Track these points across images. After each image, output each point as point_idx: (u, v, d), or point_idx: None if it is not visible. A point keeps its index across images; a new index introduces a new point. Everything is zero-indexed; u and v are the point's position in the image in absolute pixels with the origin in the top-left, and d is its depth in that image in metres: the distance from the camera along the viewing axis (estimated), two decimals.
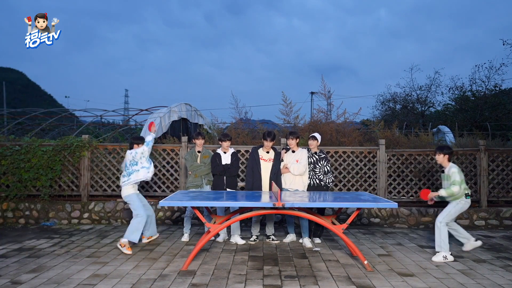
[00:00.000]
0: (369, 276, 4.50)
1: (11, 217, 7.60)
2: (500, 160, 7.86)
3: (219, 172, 6.16)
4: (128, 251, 5.40)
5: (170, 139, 9.64)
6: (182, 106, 12.68)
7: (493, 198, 7.84)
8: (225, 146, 6.23)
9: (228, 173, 6.18)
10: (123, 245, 5.44)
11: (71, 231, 6.91)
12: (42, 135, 17.24)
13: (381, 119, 18.04)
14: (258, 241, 6.17)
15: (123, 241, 5.47)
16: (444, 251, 5.19)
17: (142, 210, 5.65)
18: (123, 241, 5.47)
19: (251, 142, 8.72)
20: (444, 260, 5.14)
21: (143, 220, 5.63)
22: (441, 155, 5.41)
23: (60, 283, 4.19)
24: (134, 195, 5.72)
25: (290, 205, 4.76)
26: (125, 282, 4.23)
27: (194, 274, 4.52)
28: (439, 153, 5.43)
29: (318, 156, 6.21)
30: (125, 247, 5.42)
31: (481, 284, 4.28)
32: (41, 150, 7.58)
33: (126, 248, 5.42)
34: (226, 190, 6.16)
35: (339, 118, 10.00)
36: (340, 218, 7.45)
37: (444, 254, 5.18)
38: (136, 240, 5.53)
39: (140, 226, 5.58)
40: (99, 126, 21.20)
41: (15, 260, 5.07)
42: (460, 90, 20.78)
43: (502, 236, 6.80)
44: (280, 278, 4.38)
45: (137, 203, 5.68)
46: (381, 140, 7.98)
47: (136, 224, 5.57)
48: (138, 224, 5.57)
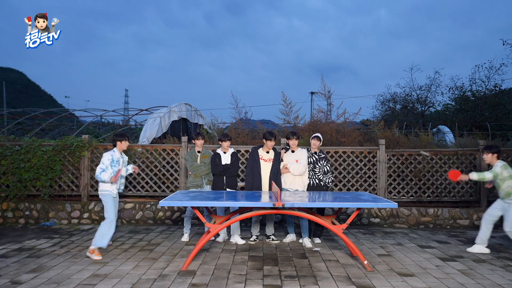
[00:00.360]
0: (369, 276, 4.51)
1: (11, 217, 7.60)
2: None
3: (219, 172, 6.16)
4: (98, 256, 5.17)
5: (170, 139, 9.65)
6: (182, 106, 12.68)
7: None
8: (225, 146, 6.23)
9: (228, 173, 6.17)
10: (92, 251, 5.20)
11: (71, 231, 6.91)
12: (42, 135, 17.25)
13: (381, 119, 18.03)
14: (258, 241, 6.17)
15: (92, 248, 5.23)
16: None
17: (113, 214, 5.39)
18: (92, 248, 5.23)
19: (251, 142, 8.72)
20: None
21: (113, 224, 5.38)
22: (489, 154, 5.53)
23: (60, 283, 4.19)
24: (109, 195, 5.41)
25: (290, 205, 4.76)
26: (125, 282, 4.23)
27: (194, 274, 4.52)
28: (487, 152, 5.56)
29: (318, 156, 6.21)
30: (94, 254, 5.19)
31: (481, 284, 4.28)
32: (41, 150, 7.58)
33: (95, 255, 5.19)
34: (226, 190, 6.17)
35: (339, 118, 10.02)
36: (340, 218, 7.46)
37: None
38: (104, 245, 5.29)
39: (110, 231, 5.33)
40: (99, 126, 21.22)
41: (15, 260, 5.07)
42: (460, 90, 20.78)
43: (502, 236, 6.79)
44: (280, 278, 4.38)
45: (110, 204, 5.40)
46: (381, 140, 7.98)
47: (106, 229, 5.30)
48: (108, 230, 5.31)
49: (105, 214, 5.41)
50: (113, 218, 5.39)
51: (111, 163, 5.33)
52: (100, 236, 5.27)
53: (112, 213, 5.39)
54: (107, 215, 5.37)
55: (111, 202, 5.40)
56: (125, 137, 5.57)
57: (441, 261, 5.16)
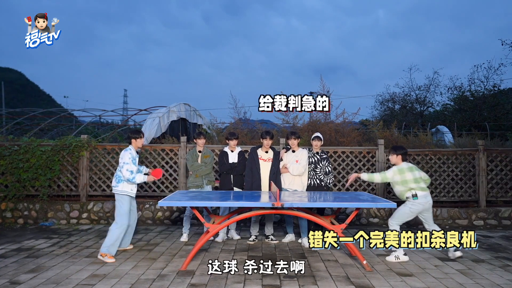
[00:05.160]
0: (368, 276, 4.51)
1: (10, 217, 7.59)
2: (499, 160, 7.87)
3: (226, 170, 6.19)
4: (111, 259, 5.02)
5: (169, 139, 9.64)
6: (181, 106, 12.67)
7: (492, 198, 7.85)
8: (232, 145, 6.26)
9: (235, 171, 6.20)
10: (104, 255, 5.04)
11: (70, 231, 6.90)
12: (40, 135, 17.22)
13: (380, 119, 18.07)
14: (257, 241, 6.17)
15: (104, 252, 5.06)
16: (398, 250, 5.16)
17: (127, 219, 5.26)
18: (104, 252, 5.06)
19: (250, 142, 8.72)
20: (395, 259, 5.13)
21: (124, 230, 5.25)
22: (394, 155, 5.29)
23: (59, 283, 4.18)
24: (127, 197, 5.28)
25: (289, 205, 4.76)
26: (124, 282, 4.23)
27: (193, 274, 4.52)
28: (393, 153, 5.32)
29: (320, 156, 6.20)
30: (107, 256, 5.03)
31: (480, 284, 4.29)
32: (40, 150, 7.56)
33: (108, 257, 5.03)
34: (233, 189, 6.22)
35: (338, 118, 10.03)
36: (339, 218, 7.46)
37: (396, 254, 5.18)
38: (113, 252, 5.13)
39: (121, 236, 5.21)
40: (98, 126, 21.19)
41: (14, 260, 5.06)
42: (459, 90, 20.82)
43: (501, 236, 6.81)
44: (279, 278, 4.38)
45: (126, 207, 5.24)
46: (380, 140, 7.99)
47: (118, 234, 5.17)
48: (120, 234, 5.18)
49: (118, 217, 5.20)
50: (126, 223, 5.22)
51: (132, 161, 5.20)
52: (110, 241, 5.09)
53: (126, 218, 5.21)
54: (120, 220, 5.18)
55: (127, 205, 5.24)
56: (140, 134, 5.42)
57: (440, 261, 5.17)
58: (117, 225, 5.19)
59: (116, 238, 5.15)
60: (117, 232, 5.16)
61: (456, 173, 7.79)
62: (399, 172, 5.17)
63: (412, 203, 5.16)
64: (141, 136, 5.42)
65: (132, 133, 5.44)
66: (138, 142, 5.39)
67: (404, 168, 5.20)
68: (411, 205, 5.17)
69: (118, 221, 5.22)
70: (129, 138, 5.41)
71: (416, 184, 5.14)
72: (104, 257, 5.04)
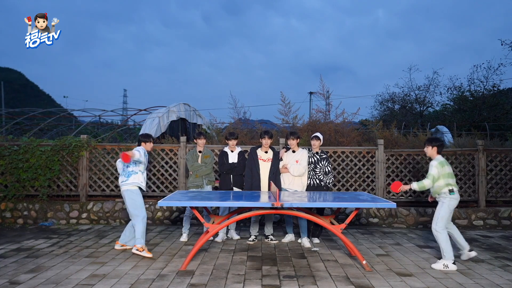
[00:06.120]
0: (368, 276, 4.51)
1: (10, 217, 7.59)
2: (499, 160, 7.88)
3: (226, 170, 6.19)
4: (149, 254, 5.22)
5: (168, 139, 9.64)
6: (181, 106, 12.67)
7: (492, 198, 7.86)
8: (231, 145, 6.26)
9: (235, 171, 6.20)
10: (141, 249, 5.25)
11: (70, 231, 6.90)
12: (40, 135, 17.21)
13: (379, 119, 18.05)
14: (256, 241, 6.17)
15: (139, 246, 5.27)
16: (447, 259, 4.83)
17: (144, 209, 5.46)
18: (139, 246, 5.27)
19: (250, 142, 8.73)
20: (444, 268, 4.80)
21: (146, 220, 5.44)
22: (430, 147, 5.09)
23: (59, 283, 4.18)
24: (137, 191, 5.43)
25: (288, 205, 4.76)
26: (124, 282, 4.23)
27: (193, 274, 4.52)
28: (428, 145, 5.11)
29: (320, 156, 6.21)
30: (145, 251, 5.24)
31: (480, 284, 4.29)
32: (40, 150, 7.56)
33: (146, 252, 5.24)
34: (233, 189, 6.23)
35: (337, 118, 10.04)
36: (339, 218, 7.46)
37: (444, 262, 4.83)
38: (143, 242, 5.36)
39: (145, 226, 5.41)
40: (98, 126, 21.17)
41: (14, 260, 5.06)
42: (459, 90, 20.80)
43: (501, 236, 6.81)
44: (279, 278, 4.38)
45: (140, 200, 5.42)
46: (379, 140, 7.99)
47: (143, 226, 5.36)
48: (144, 225, 5.38)
49: (135, 211, 5.35)
50: (145, 213, 5.43)
51: (144, 153, 5.43)
52: (139, 234, 5.31)
53: (143, 209, 5.42)
54: (139, 212, 5.35)
55: (141, 197, 5.44)
56: (150, 138, 5.65)
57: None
58: (138, 218, 5.37)
59: (143, 230, 5.34)
60: (141, 225, 5.34)
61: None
62: (441, 166, 4.91)
63: (450, 198, 4.89)
64: (150, 140, 5.65)
65: (142, 137, 5.68)
66: (147, 146, 5.61)
67: (443, 161, 4.98)
68: (449, 201, 4.89)
69: (137, 214, 5.38)
70: (139, 141, 5.64)
71: (452, 179, 4.95)
72: (141, 251, 5.23)
